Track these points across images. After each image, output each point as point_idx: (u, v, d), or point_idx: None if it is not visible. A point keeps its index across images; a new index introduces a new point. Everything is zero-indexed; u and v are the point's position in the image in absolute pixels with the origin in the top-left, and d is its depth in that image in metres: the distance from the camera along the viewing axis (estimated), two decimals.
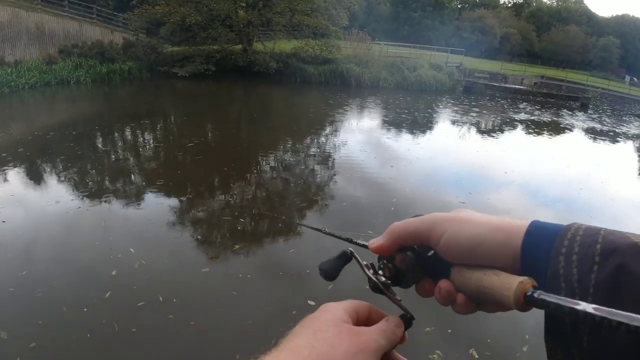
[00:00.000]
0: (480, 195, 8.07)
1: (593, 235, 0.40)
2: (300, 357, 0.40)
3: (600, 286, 0.37)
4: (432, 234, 0.49)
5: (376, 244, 0.54)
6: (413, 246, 0.52)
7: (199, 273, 4.61)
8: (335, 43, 25.30)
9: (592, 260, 0.39)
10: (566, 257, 0.40)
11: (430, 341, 3.63)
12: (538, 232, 0.44)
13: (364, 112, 17.41)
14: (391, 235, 0.53)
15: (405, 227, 0.52)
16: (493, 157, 11.50)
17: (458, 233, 0.48)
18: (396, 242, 0.52)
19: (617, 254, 0.38)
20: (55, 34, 19.39)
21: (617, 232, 0.40)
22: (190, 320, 3.81)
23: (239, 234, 5.67)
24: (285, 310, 4.06)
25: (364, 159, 9.76)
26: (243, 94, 20.73)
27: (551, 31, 65.01)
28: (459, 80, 27.52)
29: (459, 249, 0.47)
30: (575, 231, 0.42)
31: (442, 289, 0.49)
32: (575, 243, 0.40)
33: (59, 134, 10.19)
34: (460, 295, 0.48)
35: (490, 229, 0.46)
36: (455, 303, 0.49)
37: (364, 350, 0.43)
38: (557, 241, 0.41)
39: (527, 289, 0.39)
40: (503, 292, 0.41)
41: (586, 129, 18.67)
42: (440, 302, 0.50)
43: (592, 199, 8.78)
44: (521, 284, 0.40)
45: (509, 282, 0.41)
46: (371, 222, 6.20)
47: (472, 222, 0.48)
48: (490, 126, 16.94)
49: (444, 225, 0.49)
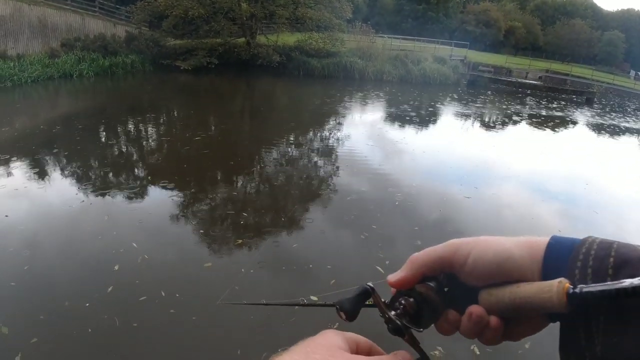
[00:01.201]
0: (486, 189, 8.01)
1: (606, 249, 0.42)
2: None
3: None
4: (456, 258, 0.49)
5: (397, 277, 0.50)
6: (435, 276, 0.50)
7: (201, 268, 4.58)
8: (338, 36, 25.20)
9: (605, 272, 0.40)
10: (581, 270, 0.42)
11: (433, 338, 3.59)
12: (557, 246, 0.45)
13: (368, 105, 17.33)
14: (413, 265, 0.50)
15: (428, 255, 0.50)
16: (497, 152, 11.42)
17: (485, 251, 0.47)
18: (420, 272, 0.50)
19: (628, 266, 0.39)
20: (58, 27, 19.34)
21: (629, 245, 0.42)
22: (192, 315, 3.78)
23: (241, 228, 5.64)
24: (288, 306, 4.03)
25: (367, 152, 9.71)
26: (246, 87, 20.68)
27: (556, 25, 64.51)
28: (463, 74, 27.39)
29: (487, 267, 0.47)
30: (590, 245, 0.43)
31: (474, 314, 0.47)
32: (590, 256, 0.42)
33: (63, 128, 10.17)
34: (494, 318, 0.47)
35: (514, 244, 0.47)
36: (487, 328, 0.47)
37: None
38: (573, 254, 0.43)
39: (567, 288, 0.40)
40: (543, 296, 0.42)
41: (591, 123, 18.56)
42: (469, 332, 0.48)
43: (597, 194, 8.70)
44: (560, 283, 0.41)
45: (547, 286, 0.42)
46: (375, 217, 6.16)
47: (495, 241, 0.48)
48: (494, 120, 16.85)
49: (468, 247, 0.49)
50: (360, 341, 0.47)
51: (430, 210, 6.71)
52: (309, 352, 0.42)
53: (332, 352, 0.43)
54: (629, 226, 7.26)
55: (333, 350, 0.43)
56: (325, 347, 0.43)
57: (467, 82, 26.84)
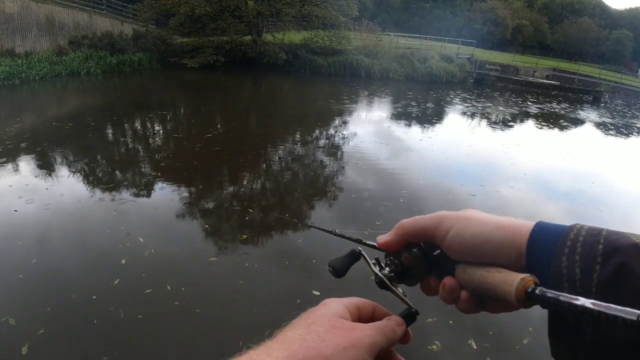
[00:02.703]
0: (492, 187, 8.00)
1: (595, 236, 0.41)
2: (291, 349, 0.41)
3: (602, 285, 0.38)
4: (438, 231, 0.50)
5: (384, 239, 0.55)
6: (420, 243, 0.53)
7: (206, 262, 4.62)
8: (345, 34, 25.17)
9: (594, 260, 0.39)
10: (569, 257, 0.41)
11: (431, 332, 3.62)
12: (543, 232, 0.45)
13: (374, 103, 17.32)
14: (399, 231, 0.54)
15: (413, 223, 0.53)
16: (504, 150, 11.38)
17: (464, 230, 0.49)
18: (403, 238, 0.53)
19: (618, 254, 0.38)
20: (66, 25, 19.47)
21: (618, 233, 0.41)
22: (196, 308, 3.82)
23: (247, 223, 5.68)
24: (291, 299, 4.07)
25: (373, 150, 9.72)
26: (253, 85, 20.73)
27: (564, 23, 64.12)
28: (469, 72, 27.27)
29: (464, 245, 0.48)
30: (577, 231, 0.42)
31: (446, 285, 0.50)
32: (577, 243, 0.41)
33: (73, 125, 10.25)
34: (464, 292, 0.49)
35: (496, 227, 0.47)
36: (458, 300, 0.50)
37: (356, 346, 0.42)
38: (560, 241, 0.42)
39: (528, 286, 0.40)
40: (505, 288, 0.42)
41: (598, 122, 18.43)
42: (444, 299, 0.51)
43: (603, 193, 8.65)
44: (523, 280, 0.41)
45: (511, 279, 0.42)
46: (380, 213, 6.17)
47: (478, 220, 0.49)
48: (501, 119, 16.78)
49: (450, 222, 0.50)
50: (361, 304, 0.50)
51: (435, 207, 6.71)
52: (311, 324, 0.44)
53: (334, 322, 0.44)
54: (635, 224, 7.25)
55: (334, 320, 0.45)
56: (326, 317, 0.45)
57: (474, 81, 26.74)
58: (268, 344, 0.42)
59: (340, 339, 0.42)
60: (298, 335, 0.42)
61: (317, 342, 0.41)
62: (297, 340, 0.42)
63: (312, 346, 0.41)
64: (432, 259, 0.53)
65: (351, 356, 0.41)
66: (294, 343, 0.41)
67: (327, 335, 0.42)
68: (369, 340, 0.44)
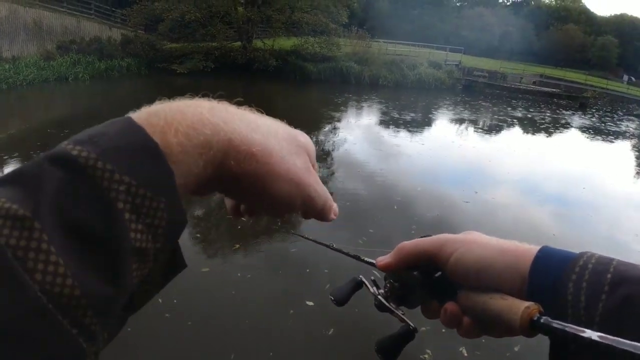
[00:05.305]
0: (486, 193, 8.04)
1: (605, 265, 0.40)
2: (253, 125, 0.40)
3: (607, 315, 0.37)
4: (440, 255, 0.49)
5: (384, 261, 0.54)
6: (421, 266, 0.52)
7: (198, 273, 4.58)
8: (334, 41, 25.29)
9: (601, 289, 0.38)
10: (575, 284, 0.40)
11: (424, 341, 3.61)
12: (547, 258, 0.44)
13: (365, 110, 17.38)
14: (399, 253, 0.52)
15: (414, 246, 0.52)
16: (495, 156, 11.48)
17: (467, 254, 0.47)
18: (404, 261, 0.52)
19: (626, 284, 0.37)
20: (53, 30, 19.32)
21: (629, 264, 0.40)
22: (188, 320, 3.78)
23: (239, 233, 5.64)
24: (284, 310, 4.04)
25: (365, 156, 9.73)
26: (243, 91, 20.66)
27: (550, 30, 65.05)
28: (458, 79, 27.49)
29: (467, 270, 0.47)
30: (587, 259, 0.41)
31: (449, 311, 0.49)
32: (586, 271, 0.40)
33: (59, 132, 10.13)
34: (466, 319, 0.47)
35: (499, 252, 0.46)
36: (460, 326, 0.48)
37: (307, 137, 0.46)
38: (568, 267, 0.41)
39: (533, 314, 0.39)
40: (510, 317, 0.41)
41: (586, 128, 18.69)
42: (445, 324, 0.50)
43: (594, 197, 8.81)
44: (527, 308, 0.40)
45: (515, 307, 0.41)
46: (373, 221, 6.17)
47: (481, 244, 0.48)
48: (490, 125, 16.93)
49: (453, 246, 0.49)
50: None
51: (429, 214, 6.73)
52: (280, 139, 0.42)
53: (307, 165, 0.45)
54: (623, 227, 7.41)
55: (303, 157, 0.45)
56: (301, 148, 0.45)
57: (462, 87, 26.95)
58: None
59: (292, 131, 0.45)
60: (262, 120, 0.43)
61: (275, 126, 0.43)
62: (260, 119, 0.42)
63: (271, 126, 0.42)
64: (433, 282, 0.51)
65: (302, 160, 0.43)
66: (256, 120, 0.42)
67: (281, 126, 0.44)
68: (315, 180, 0.46)
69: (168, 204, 0.32)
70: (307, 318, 3.87)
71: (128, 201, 0.28)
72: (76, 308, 0.25)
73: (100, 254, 0.27)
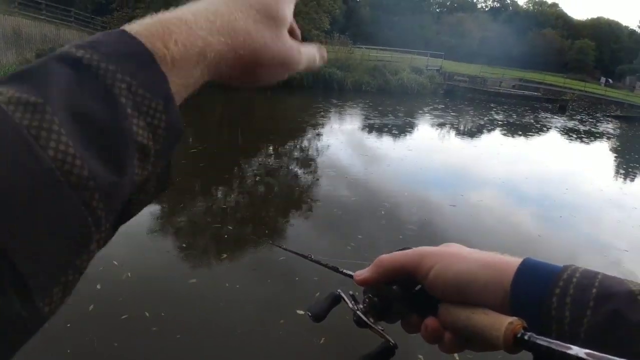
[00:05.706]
0: (470, 197, 8.11)
1: (590, 279, 0.39)
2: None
3: (592, 331, 0.37)
4: (420, 268, 0.48)
5: (362, 276, 0.52)
6: (400, 280, 0.50)
7: (186, 284, 4.50)
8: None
9: (586, 304, 0.38)
10: (559, 299, 0.39)
11: (416, 345, 3.58)
12: (529, 271, 0.43)
13: (348, 116, 17.44)
14: (378, 268, 0.51)
15: (393, 260, 0.50)
16: (479, 160, 11.61)
17: (447, 268, 0.46)
18: (382, 276, 0.51)
19: (613, 300, 0.37)
20: (32, 38, 19.00)
21: (614, 278, 0.39)
22: (176, 334, 3.71)
23: (226, 242, 5.58)
24: (274, 320, 3.99)
25: (351, 162, 9.73)
26: (224, 98, 20.51)
27: (528, 34, 66.23)
28: (439, 84, 27.76)
29: (447, 285, 0.46)
30: (571, 273, 0.41)
31: (429, 327, 0.47)
32: (570, 285, 0.39)
33: None
34: (448, 334, 0.46)
35: (480, 266, 0.45)
36: (442, 342, 0.46)
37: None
38: (552, 282, 0.40)
39: (517, 330, 0.38)
40: (492, 333, 0.40)
41: (566, 130, 19.04)
42: (426, 340, 0.48)
43: (576, 198, 9.02)
44: (511, 324, 0.39)
45: (499, 322, 0.40)
46: (361, 227, 6.16)
47: (461, 258, 0.47)
48: (472, 129, 17.11)
49: (432, 259, 0.48)
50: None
51: (416, 219, 6.75)
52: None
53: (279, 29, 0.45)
54: (604, 226, 7.58)
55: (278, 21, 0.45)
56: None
57: (444, 92, 27.21)
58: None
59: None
60: None
61: None
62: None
63: None
64: (412, 297, 0.50)
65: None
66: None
67: None
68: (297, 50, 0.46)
69: (165, 107, 0.32)
70: (297, 327, 3.83)
71: (130, 98, 0.29)
72: (85, 188, 0.26)
73: (107, 141, 0.28)
